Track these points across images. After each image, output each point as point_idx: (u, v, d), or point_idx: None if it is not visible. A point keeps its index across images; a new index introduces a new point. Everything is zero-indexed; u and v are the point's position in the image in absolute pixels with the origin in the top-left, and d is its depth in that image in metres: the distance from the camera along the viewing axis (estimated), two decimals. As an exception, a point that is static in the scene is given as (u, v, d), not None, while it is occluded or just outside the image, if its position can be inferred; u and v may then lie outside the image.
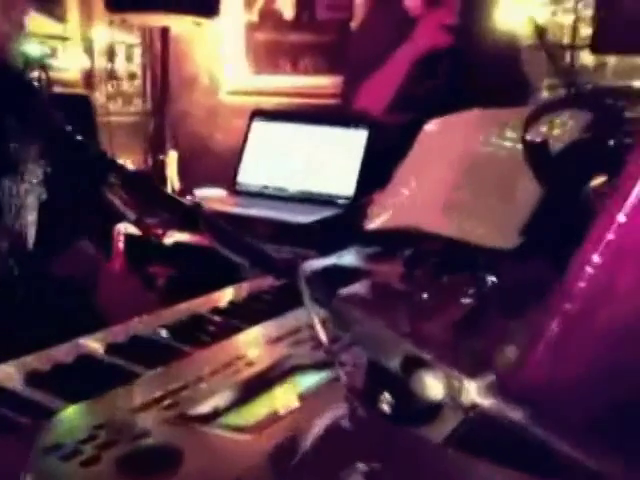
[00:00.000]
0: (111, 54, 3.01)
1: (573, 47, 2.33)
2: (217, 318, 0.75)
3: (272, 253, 0.72)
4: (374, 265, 1.05)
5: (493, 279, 0.87)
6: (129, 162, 3.32)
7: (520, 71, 2.30)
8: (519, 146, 1.15)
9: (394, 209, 1.37)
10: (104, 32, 2.97)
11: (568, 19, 2.42)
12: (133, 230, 1.52)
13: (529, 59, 2.35)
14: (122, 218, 0.86)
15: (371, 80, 1.99)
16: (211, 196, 1.74)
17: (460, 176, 1.23)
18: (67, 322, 1.13)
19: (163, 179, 2.57)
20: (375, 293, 0.92)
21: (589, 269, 0.46)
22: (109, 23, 2.89)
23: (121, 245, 1.52)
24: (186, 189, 2.50)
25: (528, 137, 1.09)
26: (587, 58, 2.37)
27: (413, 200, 1.33)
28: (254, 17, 2.81)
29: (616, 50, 2.24)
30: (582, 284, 0.47)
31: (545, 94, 2.44)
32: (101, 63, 3.06)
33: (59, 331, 0.97)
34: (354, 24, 2.54)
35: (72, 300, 1.13)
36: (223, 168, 2.96)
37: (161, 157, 2.53)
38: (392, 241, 1.35)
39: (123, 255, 1.53)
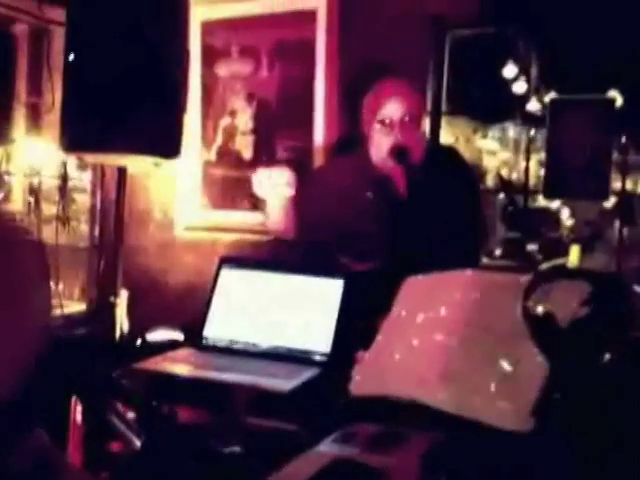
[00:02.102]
0: (63, 180, 2.93)
1: (527, 192, 2.43)
2: None
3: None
4: (381, 457, 0.94)
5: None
6: (74, 295, 3.16)
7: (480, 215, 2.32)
8: (518, 314, 1.11)
9: (383, 374, 1.29)
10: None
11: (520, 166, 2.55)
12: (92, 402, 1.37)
13: (487, 203, 2.43)
14: (125, 440, 0.74)
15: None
16: (172, 356, 1.61)
17: (457, 343, 1.17)
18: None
19: (112, 320, 2.41)
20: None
21: None
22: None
23: (79, 417, 1.36)
24: (136, 330, 2.35)
25: (530, 309, 1.06)
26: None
27: (405, 366, 1.25)
28: (212, 156, 2.82)
29: (564, 196, 2.35)
30: None
31: (501, 234, 2.51)
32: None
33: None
34: (315, 165, 2.57)
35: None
36: (175, 306, 2.84)
37: (111, 299, 2.38)
38: (382, 410, 1.26)
39: (81, 430, 1.36)
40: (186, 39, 2.35)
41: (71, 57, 2.23)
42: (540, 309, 1.06)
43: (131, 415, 0.78)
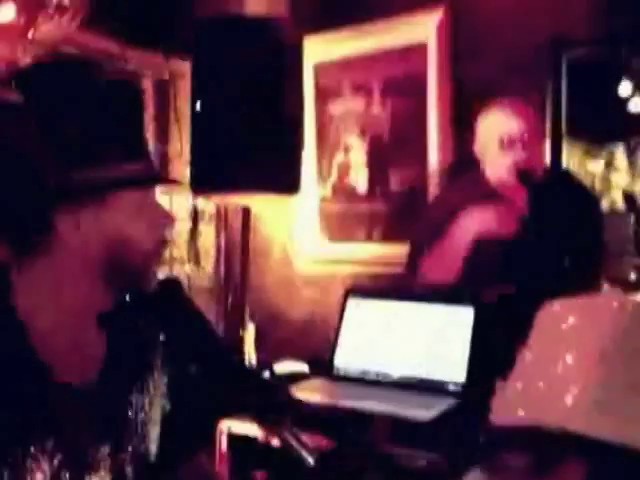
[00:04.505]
0: (194, 222, 3.06)
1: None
2: None
3: None
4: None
5: None
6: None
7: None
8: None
9: (528, 403, 1.25)
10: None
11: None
12: (237, 429, 1.43)
13: (610, 225, 2.32)
14: (300, 460, 0.77)
15: (435, 250, 1.91)
16: (307, 386, 1.64)
17: (611, 372, 1.12)
18: None
19: (241, 354, 2.50)
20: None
21: None
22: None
23: (225, 446, 1.42)
24: (263, 362, 2.42)
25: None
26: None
27: (552, 394, 1.21)
28: (327, 192, 2.89)
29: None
30: None
31: (631, 259, 2.37)
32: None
33: None
34: (431, 194, 2.57)
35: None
36: (297, 339, 2.90)
37: (240, 332, 2.48)
38: (526, 440, 1.22)
39: (227, 457, 1.42)
40: (301, 82, 2.46)
41: (198, 106, 2.39)
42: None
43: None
